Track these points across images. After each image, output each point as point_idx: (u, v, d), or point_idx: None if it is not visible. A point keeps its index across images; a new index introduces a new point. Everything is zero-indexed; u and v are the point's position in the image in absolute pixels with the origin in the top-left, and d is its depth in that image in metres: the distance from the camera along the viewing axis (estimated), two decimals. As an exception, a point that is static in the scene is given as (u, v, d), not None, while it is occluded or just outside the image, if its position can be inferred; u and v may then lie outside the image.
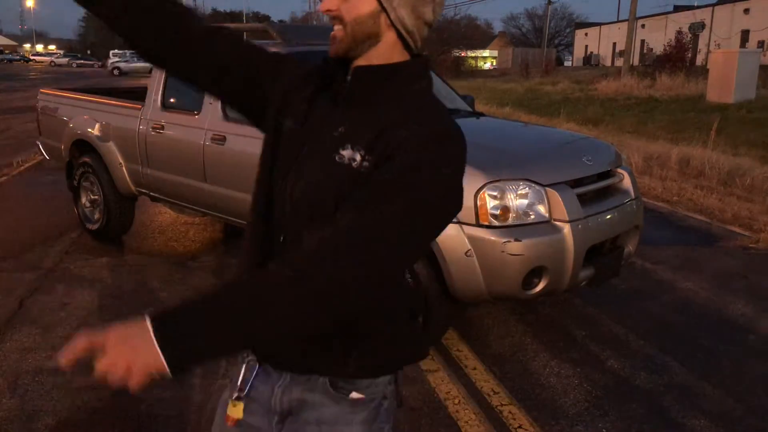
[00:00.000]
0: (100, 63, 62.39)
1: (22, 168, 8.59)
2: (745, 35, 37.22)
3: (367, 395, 1.19)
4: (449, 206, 1.09)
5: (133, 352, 0.96)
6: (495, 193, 3.10)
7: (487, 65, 57.37)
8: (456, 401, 2.96)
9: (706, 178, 7.90)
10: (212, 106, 4.30)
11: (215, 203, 4.33)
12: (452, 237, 3.07)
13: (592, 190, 3.52)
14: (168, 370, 0.98)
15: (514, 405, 2.93)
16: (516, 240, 3.04)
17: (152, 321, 0.98)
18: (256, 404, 1.24)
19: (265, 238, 1.20)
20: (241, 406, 1.21)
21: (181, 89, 4.75)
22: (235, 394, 1.22)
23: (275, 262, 1.04)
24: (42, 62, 65.39)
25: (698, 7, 43.39)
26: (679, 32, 26.92)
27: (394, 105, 1.13)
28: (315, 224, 1.08)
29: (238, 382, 1.23)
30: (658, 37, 39.39)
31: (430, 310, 3.22)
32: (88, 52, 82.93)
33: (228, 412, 1.22)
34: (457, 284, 3.13)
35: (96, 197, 5.32)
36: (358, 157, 1.08)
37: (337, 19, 1.13)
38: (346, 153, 1.10)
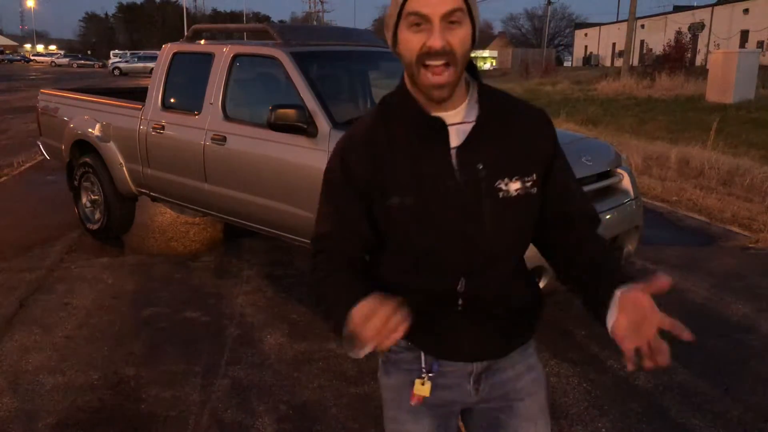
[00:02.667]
0: (100, 63, 62.43)
1: (23, 168, 8.59)
2: (744, 35, 37.24)
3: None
4: None
5: None
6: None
7: (487, 65, 57.37)
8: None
9: (706, 178, 7.90)
10: (212, 107, 4.30)
11: (215, 203, 4.33)
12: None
13: (591, 190, 3.52)
14: None
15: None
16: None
17: None
18: (446, 378, 1.32)
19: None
20: (429, 385, 1.30)
21: (181, 89, 4.76)
22: (423, 375, 1.30)
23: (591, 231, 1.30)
24: (42, 62, 65.37)
25: (698, 7, 43.43)
26: (679, 32, 26.93)
27: (504, 111, 1.25)
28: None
29: (423, 365, 1.31)
30: (658, 38, 39.40)
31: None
32: (89, 52, 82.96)
33: (414, 391, 1.30)
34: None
35: (96, 197, 5.32)
36: (519, 185, 1.21)
37: (446, 56, 1.12)
38: (512, 186, 1.21)
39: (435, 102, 1.17)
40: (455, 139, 1.20)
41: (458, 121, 1.22)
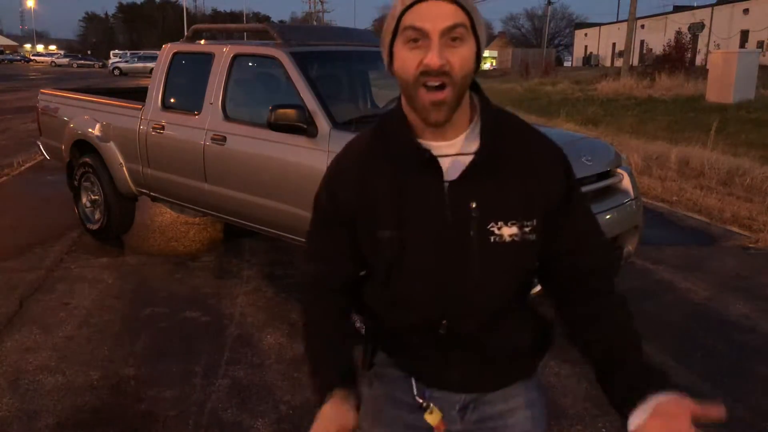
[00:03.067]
0: (100, 63, 62.43)
1: (23, 168, 8.59)
2: (744, 35, 37.24)
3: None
4: None
5: None
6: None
7: (487, 65, 57.35)
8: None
9: (706, 178, 7.90)
10: (212, 107, 4.30)
11: (215, 203, 4.33)
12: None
13: (591, 190, 3.52)
14: None
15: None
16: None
17: None
18: (432, 402, 1.27)
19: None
20: (437, 412, 1.23)
21: (181, 89, 4.76)
22: (426, 405, 1.24)
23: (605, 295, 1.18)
24: (42, 62, 65.37)
25: (698, 7, 43.43)
26: (679, 32, 26.92)
27: (512, 142, 1.14)
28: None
29: (415, 394, 1.25)
30: (658, 38, 39.40)
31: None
32: (89, 52, 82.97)
33: (430, 422, 1.24)
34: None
35: (96, 197, 5.32)
36: (516, 230, 1.11)
37: (444, 76, 1.03)
38: (506, 230, 1.11)
39: (432, 126, 1.08)
40: (451, 172, 1.10)
41: (455, 152, 1.11)
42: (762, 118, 13.79)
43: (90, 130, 5.22)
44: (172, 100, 4.73)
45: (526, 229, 1.11)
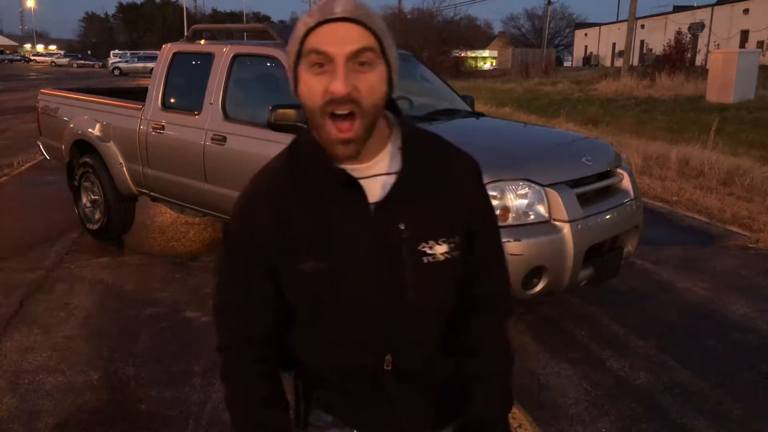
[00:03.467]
0: (100, 63, 62.43)
1: (23, 168, 8.59)
2: (744, 35, 37.22)
3: None
4: None
5: None
6: (495, 193, 3.10)
7: (487, 65, 57.38)
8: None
9: (706, 178, 7.90)
10: (212, 107, 4.30)
11: (215, 203, 4.33)
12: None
13: (591, 190, 3.52)
14: None
15: (513, 404, 2.93)
16: (516, 240, 3.04)
17: None
18: None
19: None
20: None
21: (181, 89, 4.76)
22: None
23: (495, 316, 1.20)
24: (42, 62, 65.40)
25: (698, 7, 43.42)
26: (679, 32, 26.91)
27: (424, 158, 1.09)
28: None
29: None
30: (658, 38, 39.40)
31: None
32: (89, 52, 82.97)
33: None
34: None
35: (96, 197, 5.32)
36: (446, 248, 1.07)
37: (352, 103, 0.96)
38: (438, 249, 1.06)
39: (340, 160, 1.02)
40: (375, 193, 1.03)
41: (378, 172, 1.05)
42: (762, 117, 13.78)
43: (90, 130, 5.22)
44: (172, 100, 4.73)
45: (452, 245, 1.08)
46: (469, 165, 1.14)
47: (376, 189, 1.04)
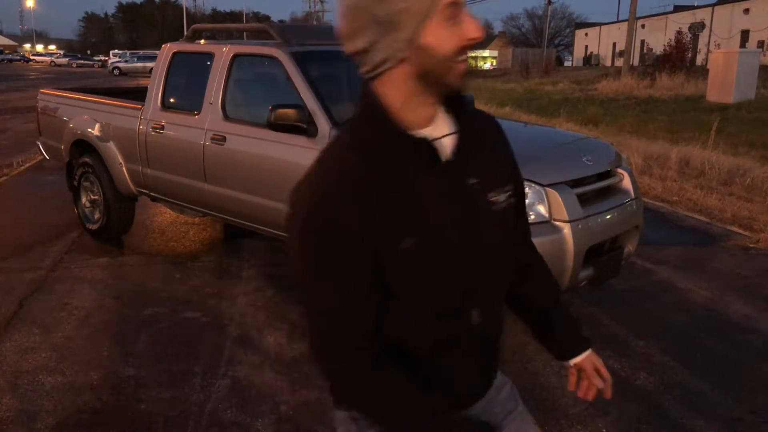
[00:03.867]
0: (99, 63, 62.42)
1: (22, 168, 8.59)
2: (745, 35, 37.23)
3: None
4: None
5: None
6: (495, 193, 3.09)
7: (487, 65, 57.39)
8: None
9: (706, 178, 7.90)
10: (212, 106, 4.30)
11: (215, 203, 4.33)
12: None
13: (592, 190, 3.52)
14: None
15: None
16: (516, 240, 3.04)
17: None
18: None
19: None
20: None
21: (181, 89, 4.76)
22: None
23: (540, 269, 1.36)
24: (42, 62, 65.43)
25: (698, 7, 43.42)
26: (679, 32, 26.93)
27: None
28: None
29: None
30: (658, 37, 39.42)
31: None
32: (88, 52, 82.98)
33: None
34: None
35: (96, 197, 5.32)
36: (506, 195, 1.16)
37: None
38: (501, 197, 1.15)
39: (456, 90, 1.05)
40: (445, 154, 1.08)
41: (441, 134, 1.08)
42: (762, 117, 13.78)
43: (89, 130, 5.22)
44: (171, 100, 4.72)
45: (509, 193, 1.17)
46: (493, 119, 1.25)
47: (445, 150, 1.09)
